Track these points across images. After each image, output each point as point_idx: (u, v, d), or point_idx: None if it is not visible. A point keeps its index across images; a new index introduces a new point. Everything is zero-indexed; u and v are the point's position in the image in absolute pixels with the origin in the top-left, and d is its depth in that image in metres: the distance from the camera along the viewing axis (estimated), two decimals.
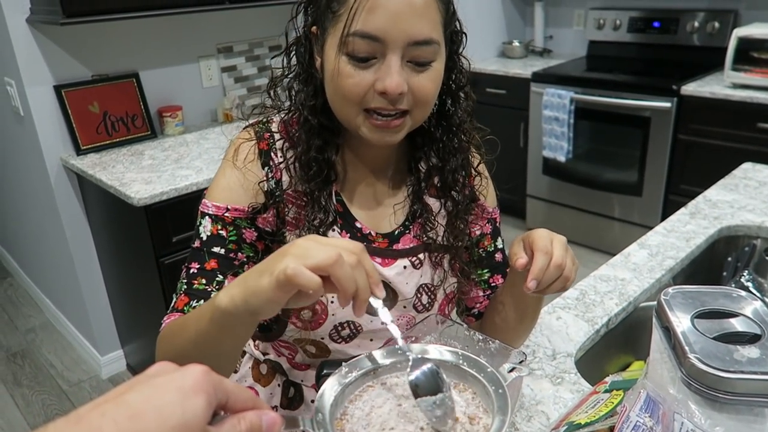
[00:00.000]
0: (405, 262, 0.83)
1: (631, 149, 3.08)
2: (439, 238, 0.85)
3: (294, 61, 0.79)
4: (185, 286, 0.77)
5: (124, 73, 2.31)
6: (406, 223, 0.86)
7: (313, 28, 0.76)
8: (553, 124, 3.24)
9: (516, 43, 3.79)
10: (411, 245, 0.85)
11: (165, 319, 0.76)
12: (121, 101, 2.30)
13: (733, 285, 1.34)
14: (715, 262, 1.42)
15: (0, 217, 3.35)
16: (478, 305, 0.94)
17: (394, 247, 0.84)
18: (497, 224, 0.95)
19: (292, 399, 0.92)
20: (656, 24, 3.35)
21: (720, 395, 0.55)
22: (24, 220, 2.85)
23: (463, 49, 0.83)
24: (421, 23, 0.69)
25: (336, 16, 0.70)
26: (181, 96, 2.49)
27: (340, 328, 0.82)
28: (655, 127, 2.94)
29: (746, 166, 1.77)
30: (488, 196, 0.93)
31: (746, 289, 1.32)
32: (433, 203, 0.86)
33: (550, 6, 3.85)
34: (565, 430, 0.73)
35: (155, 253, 1.92)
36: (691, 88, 2.79)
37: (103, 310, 2.49)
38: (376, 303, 0.56)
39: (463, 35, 0.82)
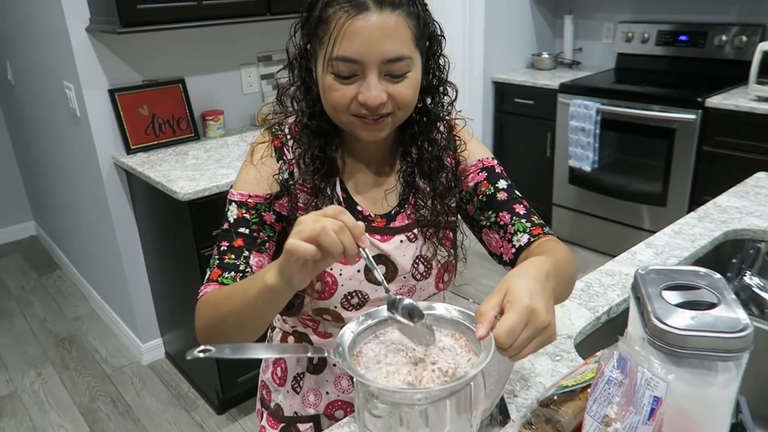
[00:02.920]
0: (401, 237, 0.96)
1: (656, 160, 3.13)
2: (429, 215, 0.97)
3: (295, 73, 0.93)
4: (217, 261, 0.91)
5: (172, 78, 2.49)
6: (401, 203, 0.98)
7: (308, 46, 0.89)
8: (579, 135, 3.31)
9: (545, 55, 3.88)
10: (406, 222, 0.97)
11: (202, 288, 0.89)
12: (168, 105, 2.48)
13: (736, 284, 1.42)
14: (720, 264, 1.49)
15: (52, 215, 3.58)
16: (502, 250, 0.99)
17: (391, 225, 0.97)
18: (494, 170, 1.01)
19: (317, 365, 1.04)
20: (684, 37, 3.40)
21: (676, 350, 0.65)
22: (75, 216, 3.06)
23: (441, 50, 0.94)
24: (392, 44, 0.82)
25: (321, 41, 0.84)
26: (222, 101, 2.66)
27: (349, 297, 0.94)
28: (680, 138, 2.99)
29: (760, 175, 1.83)
30: (468, 156, 1.01)
31: (750, 287, 1.39)
32: (424, 185, 0.98)
33: (580, 19, 3.93)
34: (553, 391, 0.84)
35: (196, 245, 2.07)
36: (715, 101, 2.84)
37: (146, 300, 2.66)
38: (363, 253, 0.68)
39: (442, 38, 0.93)
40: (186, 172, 2.14)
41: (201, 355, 0.58)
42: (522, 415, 0.90)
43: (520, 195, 1.00)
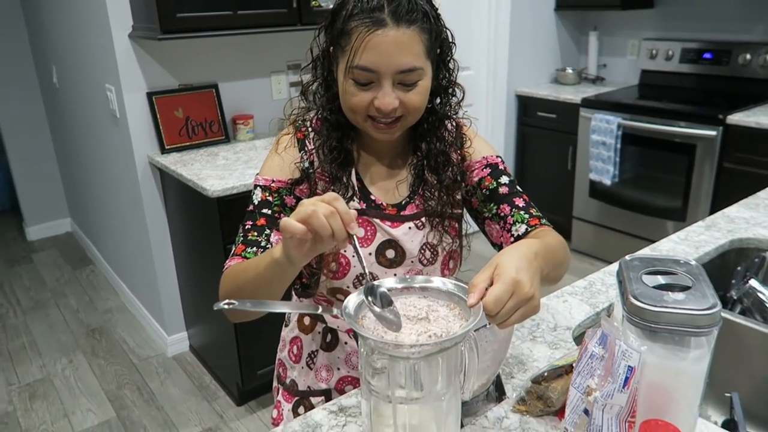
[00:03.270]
0: (410, 224, 1.05)
1: (676, 175, 3.15)
2: (436, 205, 1.05)
3: (318, 71, 1.03)
4: (242, 238, 1.00)
5: (206, 83, 2.63)
6: (411, 194, 1.07)
7: (331, 50, 0.98)
8: (600, 148, 3.36)
9: (569, 70, 3.94)
10: (415, 212, 1.06)
11: (227, 262, 0.98)
12: (202, 109, 2.61)
13: (740, 290, 1.46)
14: (725, 272, 1.53)
15: (87, 212, 3.75)
16: (501, 240, 1.07)
17: (401, 214, 1.05)
18: (498, 167, 1.08)
19: (330, 343, 1.13)
20: (708, 55, 3.43)
21: (651, 325, 0.71)
22: (109, 213, 3.21)
23: (452, 55, 1.02)
24: (406, 56, 0.91)
25: (343, 50, 0.93)
26: (253, 106, 2.78)
27: (361, 278, 1.02)
28: (701, 154, 3.02)
29: None
30: (474, 153, 1.09)
31: (753, 293, 1.43)
32: (432, 178, 1.06)
33: (605, 35, 3.99)
34: (546, 368, 0.90)
35: (223, 242, 2.18)
36: (737, 118, 2.87)
37: (173, 294, 2.78)
38: (353, 240, 0.76)
39: (453, 44, 1.01)
40: (216, 172, 2.26)
41: (225, 306, 0.66)
42: (517, 393, 0.96)
43: (521, 190, 1.08)
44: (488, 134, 3.87)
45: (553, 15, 3.94)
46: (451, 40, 1.01)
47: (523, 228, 1.03)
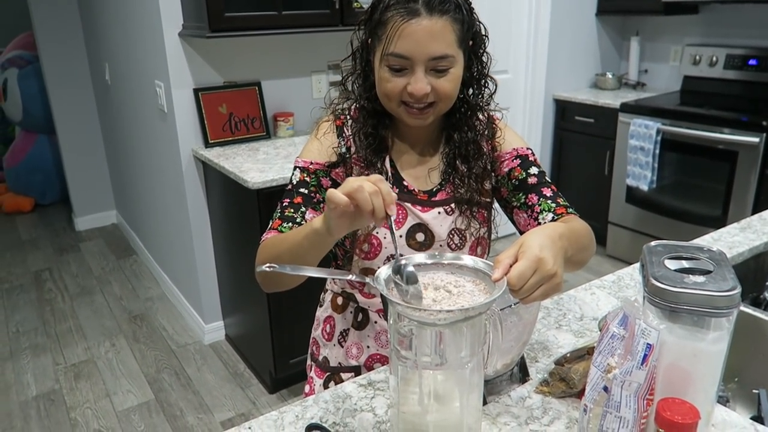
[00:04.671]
0: (439, 209, 1.09)
1: (716, 182, 3.10)
2: (466, 193, 1.08)
3: (357, 62, 1.08)
4: (279, 213, 1.06)
5: (249, 81, 2.72)
6: (442, 182, 1.11)
7: (369, 41, 1.04)
8: (638, 154, 3.33)
9: (609, 75, 3.91)
10: (445, 198, 1.10)
11: (264, 235, 1.04)
12: (244, 105, 2.70)
13: None
14: (760, 274, 1.52)
15: (132, 204, 3.90)
16: (529, 228, 1.09)
17: (432, 200, 1.10)
18: (528, 158, 1.11)
19: (361, 322, 1.18)
20: (754, 62, 3.36)
21: (671, 305, 0.74)
22: (153, 205, 3.34)
23: (485, 48, 1.06)
24: (438, 44, 0.96)
25: (379, 38, 0.99)
26: (293, 104, 2.87)
27: (391, 258, 1.07)
28: (743, 161, 2.97)
29: None
30: (504, 143, 1.12)
31: None
32: (463, 167, 1.10)
33: (647, 41, 3.95)
34: (569, 350, 0.93)
35: (261, 232, 2.24)
36: None
37: (211, 285, 2.87)
38: (389, 220, 0.80)
39: (486, 38, 1.05)
40: (257, 165, 2.34)
41: (267, 269, 0.72)
42: (541, 376, 0.99)
43: (549, 180, 1.11)
44: (525, 137, 3.88)
45: (594, 20, 3.92)
46: (484, 33, 1.05)
47: (549, 216, 1.05)
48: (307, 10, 2.45)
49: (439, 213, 1.09)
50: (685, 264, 0.79)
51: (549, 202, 1.07)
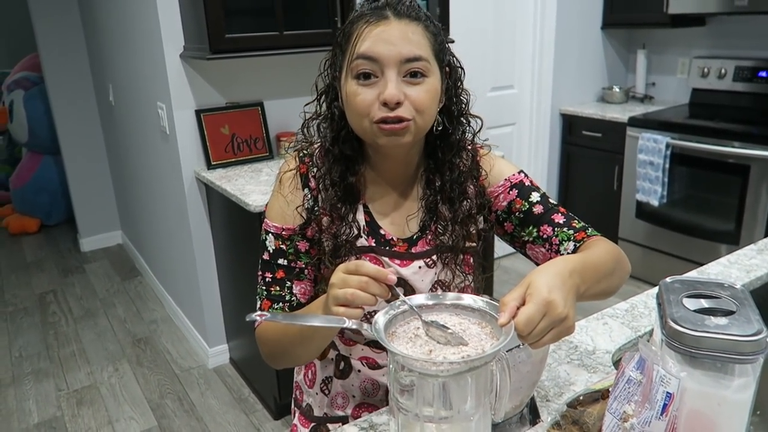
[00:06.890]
0: (420, 263, 1.01)
1: (728, 197, 3.04)
2: (449, 240, 1.00)
3: (323, 107, 1.00)
4: (265, 293, 1.01)
5: (252, 102, 2.69)
6: (423, 229, 1.03)
7: (337, 74, 0.95)
8: (647, 168, 3.27)
9: (616, 89, 3.87)
10: (426, 248, 1.02)
11: (256, 320, 0.96)
12: (247, 126, 2.68)
13: None
14: None
15: (137, 225, 3.88)
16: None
17: (412, 250, 1.01)
18: (524, 185, 1.03)
19: (343, 371, 1.10)
20: (763, 74, 3.31)
21: (691, 350, 0.68)
22: (157, 226, 3.31)
23: (461, 82, 0.99)
24: (410, 45, 0.88)
25: (345, 52, 0.91)
26: (297, 124, 2.79)
27: (371, 314, 0.99)
28: (756, 175, 2.90)
29: None
30: (492, 176, 1.04)
31: None
32: (446, 211, 1.01)
33: (654, 54, 3.90)
34: (582, 391, 0.88)
35: None
36: None
37: (215, 307, 2.83)
38: (396, 291, 0.78)
39: (461, 70, 0.98)
40: (259, 187, 2.31)
41: (258, 318, 0.68)
42: (552, 417, 0.94)
43: (555, 203, 1.04)
44: (532, 153, 3.83)
45: (599, 33, 3.88)
46: (460, 67, 0.98)
47: (571, 246, 0.98)
48: (309, 29, 2.43)
49: (420, 267, 1.01)
50: (704, 303, 0.74)
51: (566, 230, 1.00)
